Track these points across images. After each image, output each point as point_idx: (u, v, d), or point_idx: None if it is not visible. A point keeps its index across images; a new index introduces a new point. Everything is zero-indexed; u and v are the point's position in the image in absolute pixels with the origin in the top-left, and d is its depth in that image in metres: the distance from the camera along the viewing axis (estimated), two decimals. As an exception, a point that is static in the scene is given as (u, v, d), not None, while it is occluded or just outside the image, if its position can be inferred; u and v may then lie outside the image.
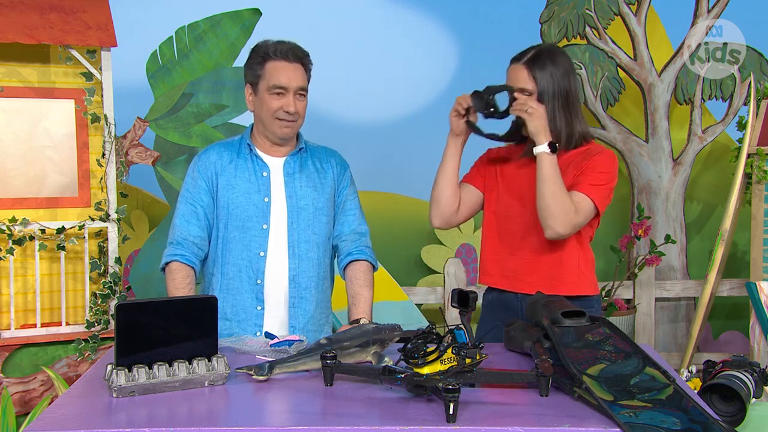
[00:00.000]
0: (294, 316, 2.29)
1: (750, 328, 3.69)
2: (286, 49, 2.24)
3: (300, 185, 2.31)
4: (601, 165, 2.21)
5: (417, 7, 4.42)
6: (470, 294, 1.77)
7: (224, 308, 2.28)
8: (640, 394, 1.56)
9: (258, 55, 2.26)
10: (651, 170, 4.30)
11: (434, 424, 1.42)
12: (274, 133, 2.28)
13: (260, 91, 2.26)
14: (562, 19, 4.22)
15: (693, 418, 1.49)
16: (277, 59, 2.23)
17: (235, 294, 2.29)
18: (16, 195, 3.12)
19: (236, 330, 2.28)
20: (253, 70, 2.27)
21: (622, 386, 1.59)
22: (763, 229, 3.75)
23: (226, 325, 2.28)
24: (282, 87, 2.22)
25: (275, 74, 2.23)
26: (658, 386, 1.60)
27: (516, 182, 2.29)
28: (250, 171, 2.30)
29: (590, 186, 2.18)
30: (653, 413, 1.49)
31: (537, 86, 2.18)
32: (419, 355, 1.55)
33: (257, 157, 2.31)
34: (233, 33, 3.91)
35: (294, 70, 2.24)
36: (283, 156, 2.33)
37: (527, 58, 2.21)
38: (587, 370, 1.62)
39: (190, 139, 3.88)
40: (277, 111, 2.23)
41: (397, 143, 4.31)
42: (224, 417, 1.50)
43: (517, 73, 2.21)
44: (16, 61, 3.10)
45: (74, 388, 1.68)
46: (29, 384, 3.06)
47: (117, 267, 3.17)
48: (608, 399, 1.51)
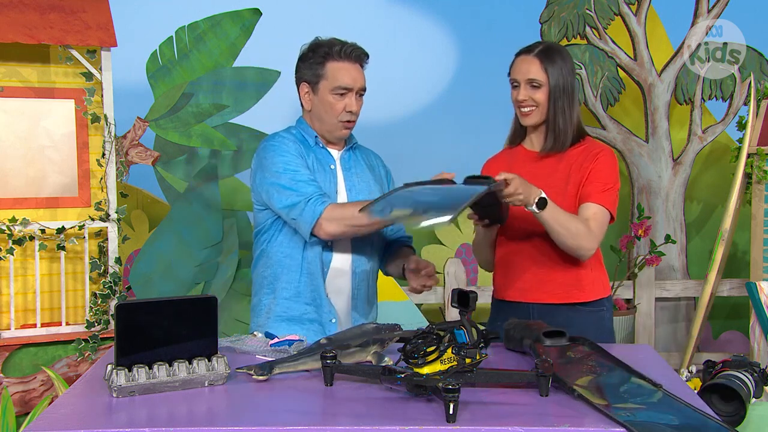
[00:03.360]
0: (354, 307, 2.33)
1: (750, 328, 3.68)
2: (350, 50, 2.25)
3: (357, 180, 2.34)
4: (606, 167, 2.21)
5: (417, 7, 4.42)
6: (470, 294, 1.77)
7: (305, 293, 2.29)
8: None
9: (318, 55, 2.26)
10: (651, 170, 4.30)
11: (434, 424, 1.42)
12: (332, 133, 2.29)
13: (321, 91, 2.26)
14: (562, 19, 4.21)
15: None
16: (341, 60, 2.24)
17: (313, 279, 2.28)
18: (16, 195, 3.12)
19: (315, 315, 2.29)
20: (313, 69, 2.26)
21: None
22: (763, 229, 3.75)
23: (307, 309, 2.29)
24: (347, 88, 2.23)
25: (339, 75, 2.23)
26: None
27: None
28: (320, 162, 2.30)
29: (600, 193, 2.18)
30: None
31: (549, 79, 2.18)
32: (419, 355, 1.55)
33: (324, 148, 2.33)
34: (233, 33, 3.92)
35: (357, 71, 2.26)
36: (339, 151, 2.35)
37: (538, 50, 2.21)
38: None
39: (190, 139, 3.88)
40: (341, 113, 2.24)
41: (397, 143, 4.30)
42: (224, 417, 1.50)
43: (529, 65, 2.20)
44: (16, 61, 3.10)
45: (74, 388, 1.68)
46: (29, 384, 3.06)
47: (117, 267, 3.17)
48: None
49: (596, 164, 2.21)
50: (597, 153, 2.23)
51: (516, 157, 2.32)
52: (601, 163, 2.21)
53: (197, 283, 3.92)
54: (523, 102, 2.21)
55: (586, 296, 2.23)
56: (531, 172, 2.24)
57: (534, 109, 2.21)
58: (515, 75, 2.23)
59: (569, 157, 2.24)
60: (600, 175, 2.20)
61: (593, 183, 2.19)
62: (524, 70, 2.20)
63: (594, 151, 2.24)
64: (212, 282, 3.92)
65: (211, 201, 3.91)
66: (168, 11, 4.02)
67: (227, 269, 3.90)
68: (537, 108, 2.21)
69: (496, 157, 2.41)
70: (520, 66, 2.22)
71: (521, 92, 2.21)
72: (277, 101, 3.94)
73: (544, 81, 2.18)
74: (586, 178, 2.20)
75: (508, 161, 2.33)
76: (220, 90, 3.92)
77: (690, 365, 3.23)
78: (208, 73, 3.89)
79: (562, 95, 2.19)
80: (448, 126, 4.38)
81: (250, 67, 3.98)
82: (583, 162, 2.22)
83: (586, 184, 2.20)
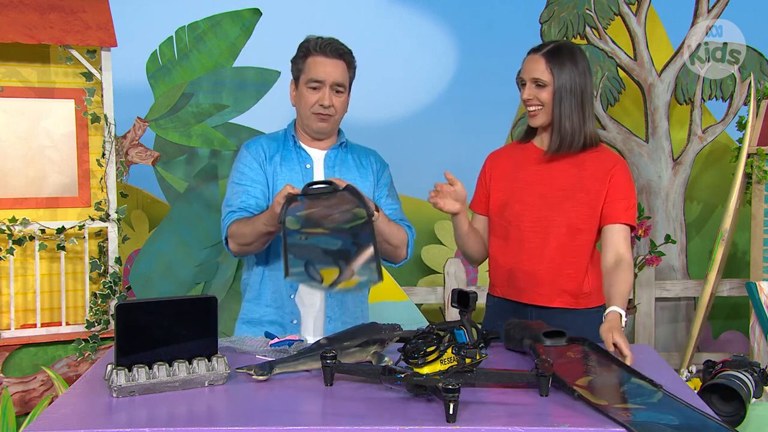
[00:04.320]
0: (330, 307, 2.30)
1: (750, 328, 3.68)
2: (326, 43, 2.25)
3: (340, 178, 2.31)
4: (625, 183, 2.20)
5: (417, 7, 4.42)
6: (470, 294, 1.77)
7: (265, 295, 2.31)
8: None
9: (301, 51, 2.28)
10: (651, 170, 4.30)
11: (434, 424, 1.42)
12: (310, 127, 2.29)
13: (300, 85, 2.28)
14: (562, 19, 4.22)
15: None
16: (317, 54, 2.25)
17: (275, 281, 2.30)
18: (16, 195, 3.12)
19: (273, 317, 2.29)
20: (297, 65, 2.29)
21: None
22: (763, 229, 3.75)
23: (266, 311, 2.30)
24: (318, 81, 2.23)
25: (313, 68, 2.24)
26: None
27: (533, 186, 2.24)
28: (294, 162, 2.31)
29: (624, 212, 2.18)
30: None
31: (554, 80, 2.15)
32: (419, 355, 1.55)
33: (301, 148, 2.33)
34: (233, 33, 3.91)
35: (333, 66, 2.24)
36: (324, 149, 2.34)
37: (547, 50, 2.18)
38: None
39: (190, 139, 3.88)
40: (313, 105, 2.24)
41: (397, 143, 4.31)
42: (224, 417, 1.50)
43: (535, 64, 2.18)
44: (16, 61, 3.10)
45: (74, 388, 1.68)
46: (29, 384, 3.06)
47: (117, 267, 3.17)
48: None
49: (617, 181, 2.19)
50: (613, 165, 2.20)
51: (523, 154, 2.29)
52: (623, 179, 2.19)
53: (197, 283, 3.91)
54: (529, 101, 2.20)
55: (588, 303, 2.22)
56: (536, 173, 2.23)
57: (540, 108, 2.19)
58: (523, 74, 2.22)
59: (582, 163, 2.21)
60: (622, 193, 2.19)
61: (619, 201, 2.18)
62: (530, 68, 2.19)
63: (610, 162, 2.21)
64: (212, 282, 3.92)
65: (211, 201, 3.91)
66: (168, 11, 4.02)
67: (227, 269, 3.90)
68: (542, 108, 2.18)
69: (502, 151, 2.39)
70: (528, 65, 2.21)
71: (526, 91, 2.19)
72: (277, 101, 3.93)
73: (549, 81, 2.15)
74: (607, 195, 2.18)
75: (513, 157, 2.31)
76: (220, 90, 3.92)
77: (690, 365, 3.23)
78: (208, 73, 3.89)
79: (568, 96, 2.15)
80: (448, 126, 4.38)
81: (250, 67, 3.97)
82: (597, 172, 2.19)
83: (608, 201, 2.18)
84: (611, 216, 2.18)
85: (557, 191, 2.20)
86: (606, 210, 2.19)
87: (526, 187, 2.24)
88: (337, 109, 2.27)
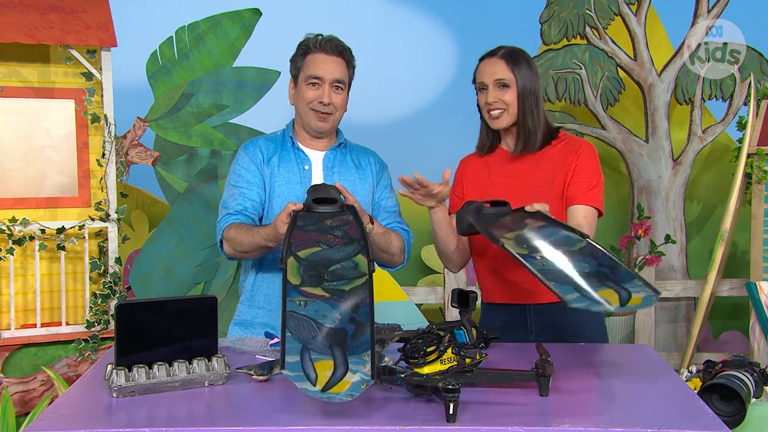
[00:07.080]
0: None
1: (750, 328, 3.68)
2: (325, 41, 2.25)
3: (339, 180, 2.31)
4: (588, 164, 2.19)
5: (417, 7, 4.42)
6: (470, 294, 1.77)
7: (258, 296, 2.31)
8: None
9: (300, 49, 2.28)
10: (651, 170, 4.30)
11: (434, 424, 1.42)
12: (309, 125, 2.28)
13: (299, 83, 2.27)
14: (562, 19, 4.22)
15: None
16: (317, 51, 2.24)
17: (269, 283, 2.30)
18: (16, 195, 3.12)
19: (266, 319, 2.29)
20: (295, 63, 2.29)
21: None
22: (763, 229, 3.75)
23: (258, 313, 2.30)
24: (317, 78, 2.22)
25: (312, 65, 2.24)
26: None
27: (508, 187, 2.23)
28: (292, 163, 2.30)
29: (587, 193, 2.17)
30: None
31: (517, 80, 2.17)
32: (419, 355, 1.55)
33: (299, 149, 2.32)
34: (233, 33, 3.92)
35: (333, 63, 2.24)
36: (323, 150, 2.33)
37: (502, 53, 2.20)
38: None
39: (190, 139, 3.88)
40: (311, 102, 2.24)
41: (397, 143, 4.31)
42: (224, 417, 1.50)
43: (495, 67, 2.19)
44: (16, 61, 3.10)
45: (74, 388, 1.68)
46: (29, 384, 3.06)
47: (117, 267, 3.18)
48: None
49: (579, 162, 2.19)
50: (577, 149, 2.21)
51: (492, 158, 2.30)
52: (583, 161, 2.19)
53: (197, 283, 3.92)
54: (493, 104, 2.19)
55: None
56: (510, 172, 2.23)
57: (503, 111, 2.19)
58: (482, 78, 2.21)
59: (549, 157, 2.22)
60: (584, 175, 2.18)
61: (579, 183, 2.18)
62: (491, 71, 2.19)
63: (574, 147, 2.22)
64: (212, 282, 3.92)
65: (211, 201, 3.91)
66: (168, 11, 4.02)
67: (227, 269, 3.90)
68: (506, 110, 2.18)
69: (472, 156, 2.37)
70: (486, 68, 2.21)
71: (490, 94, 2.19)
72: (277, 101, 3.94)
73: (512, 81, 2.17)
74: (570, 178, 2.18)
75: (485, 160, 2.31)
76: (220, 90, 3.92)
77: (690, 365, 3.23)
78: (208, 73, 3.89)
79: (529, 96, 2.18)
80: (448, 126, 4.38)
81: (250, 67, 3.98)
82: (566, 159, 2.20)
83: (571, 183, 2.18)
84: (572, 197, 2.18)
85: (531, 189, 2.19)
86: (568, 192, 2.19)
87: (501, 189, 2.23)
88: (337, 106, 2.26)
